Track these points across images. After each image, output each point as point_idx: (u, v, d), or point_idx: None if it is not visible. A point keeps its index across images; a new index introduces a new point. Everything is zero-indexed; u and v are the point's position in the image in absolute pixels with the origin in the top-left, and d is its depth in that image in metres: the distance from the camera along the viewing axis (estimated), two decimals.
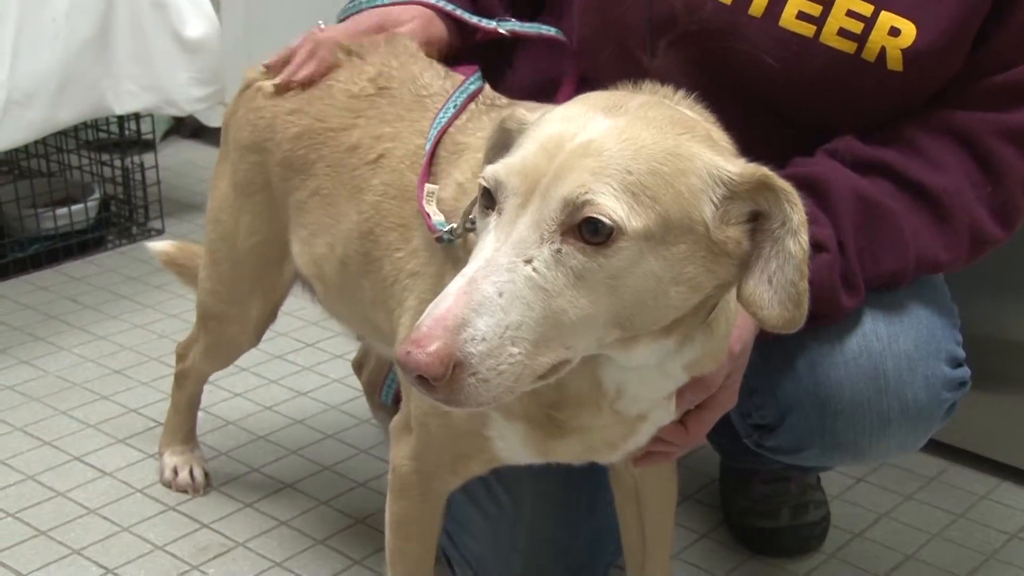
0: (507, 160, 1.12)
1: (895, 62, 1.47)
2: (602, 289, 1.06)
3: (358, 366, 2.38)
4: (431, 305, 1.03)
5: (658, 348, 1.18)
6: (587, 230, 1.04)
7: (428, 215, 1.41)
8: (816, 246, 1.48)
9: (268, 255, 1.82)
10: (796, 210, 1.11)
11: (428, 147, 1.49)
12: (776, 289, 1.10)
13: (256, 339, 1.97)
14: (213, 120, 3.35)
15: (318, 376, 2.61)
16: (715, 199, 1.09)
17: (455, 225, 1.33)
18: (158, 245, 2.14)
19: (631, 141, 1.07)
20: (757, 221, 1.11)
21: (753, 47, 1.50)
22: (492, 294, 1.03)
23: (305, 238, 1.70)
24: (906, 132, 1.54)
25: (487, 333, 1.02)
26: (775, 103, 1.55)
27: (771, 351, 1.57)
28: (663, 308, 1.10)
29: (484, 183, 1.13)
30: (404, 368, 1.02)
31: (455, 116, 1.52)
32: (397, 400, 2.05)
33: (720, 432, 1.60)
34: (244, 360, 2.24)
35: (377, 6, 1.74)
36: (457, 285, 1.04)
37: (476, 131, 1.47)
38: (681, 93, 1.22)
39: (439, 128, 1.50)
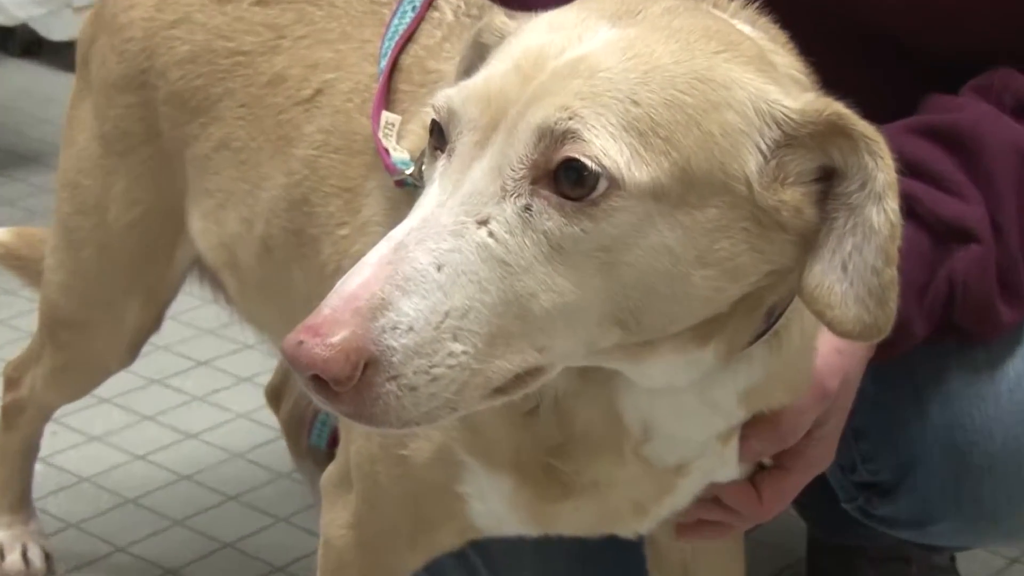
0: (466, 82, 1.14)
1: None
2: (590, 266, 1.08)
3: (275, 394, 2.38)
4: (340, 281, 1.07)
5: (688, 363, 1.20)
6: (567, 178, 1.06)
7: (385, 151, 1.42)
8: (960, 232, 1.49)
9: (153, 235, 1.82)
10: (882, 164, 1.11)
11: (383, 64, 1.50)
12: (852, 279, 1.11)
13: (130, 356, 1.98)
14: (56, 32, 3.34)
15: (215, 410, 2.61)
16: (764, 146, 1.11)
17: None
18: None
19: (642, 59, 1.09)
20: (829, 181, 1.13)
21: None
22: (427, 266, 1.05)
23: (210, 210, 1.70)
24: None
25: (416, 320, 1.03)
26: (889, 22, 1.56)
27: (888, 377, 1.57)
28: (684, 300, 1.11)
29: (434, 114, 1.14)
30: (293, 364, 1.04)
31: (416, 21, 1.53)
32: (333, 443, 2.05)
33: (809, 493, 1.58)
34: (106, 387, 2.24)
35: None
36: (379, 253, 1.06)
37: (456, 55, 1.46)
38: (739, 1, 1.23)
39: (396, 39, 1.51)
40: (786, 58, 1.19)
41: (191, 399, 2.64)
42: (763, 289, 1.16)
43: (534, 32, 1.14)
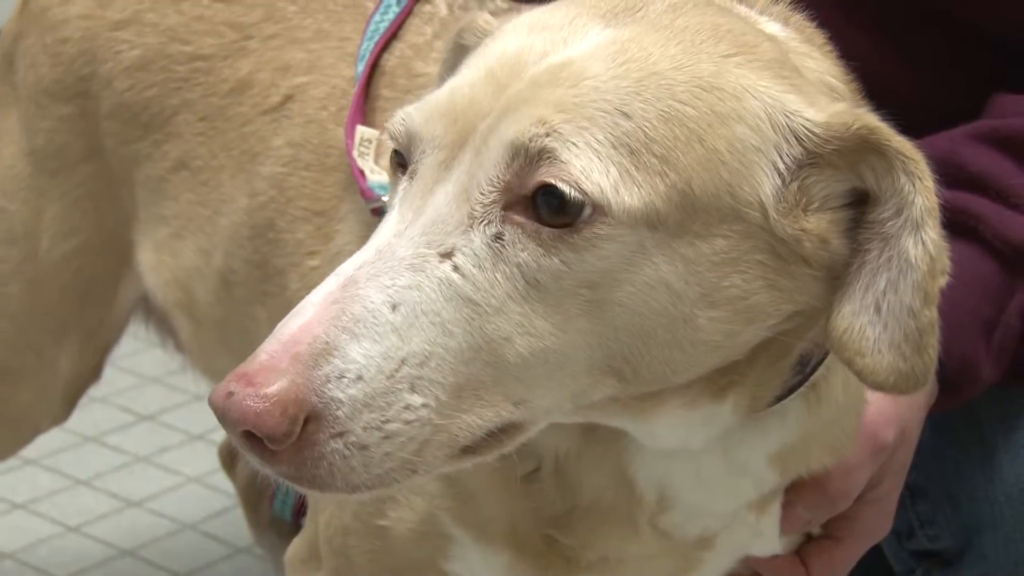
0: (429, 96, 1.14)
1: None
2: (573, 305, 1.08)
3: (231, 455, 2.37)
4: (281, 323, 1.07)
5: (702, 420, 1.21)
6: (546, 204, 1.07)
7: (361, 173, 1.42)
8: None
9: (93, 269, 1.82)
10: (920, 187, 1.11)
11: (361, 67, 1.51)
12: (886, 321, 1.11)
13: (64, 411, 1.97)
14: None
15: (162, 472, 2.60)
16: (782, 165, 1.11)
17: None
18: None
19: (635, 64, 1.09)
20: (861, 207, 1.14)
21: None
22: (379, 305, 1.05)
23: (164, 240, 1.70)
24: None
25: (366, 368, 1.04)
26: (969, 8, 1.56)
27: (950, 427, 1.58)
28: (688, 346, 1.11)
29: (390, 141, 1.14)
30: (222, 418, 1.04)
31: (401, 18, 1.53)
32: (299, 513, 2.06)
33: (863, 564, 1.57)
34: (32, 447, 2.18)
35: None
36: (325, 290, 1.06)
37: None
38: None
39: (376, 39, 1.52)
40: (820, 63, 1.19)
41: (133, 460, 2.63)
42: (788, 333, 1.16)
43: (513, 34, 1.14)
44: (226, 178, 1.62)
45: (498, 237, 1.07)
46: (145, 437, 2.70)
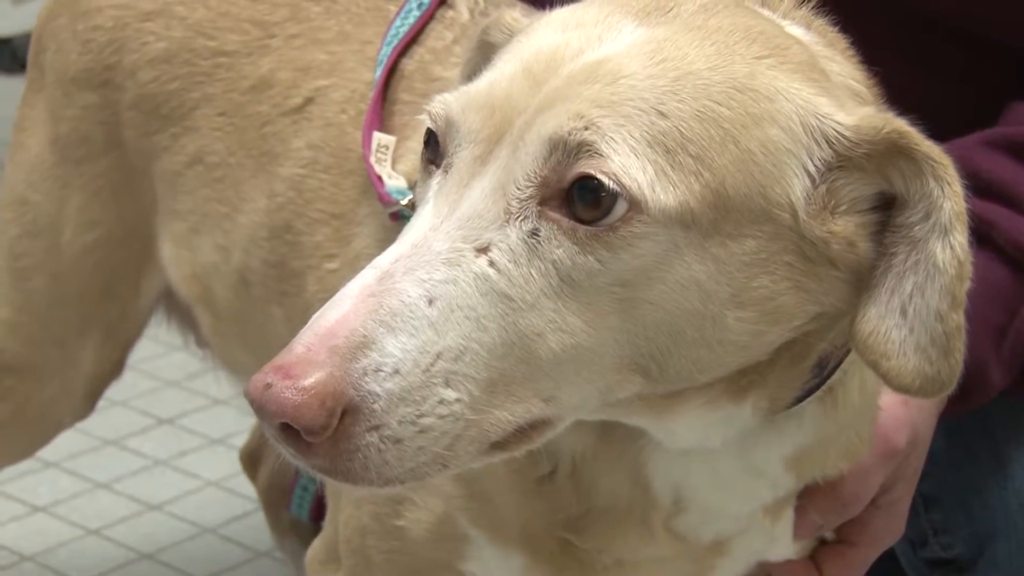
0: (467, 87, 1.15)
1: None
2: (605, 303, 1.08)
3: (252, 458, 2.38)
4: (316, 314, 1.08)
5: (722, 420, 1.22)
6: (581, 199, 1.08)
7: (379, 178, 1.43)
8: None
9: (115, 262, 1.82)
10: (949, 192, 1.11)
11: (379, 72, 1.52)
12: (912, 325, 1.11)
13: (87, 407, 1.97)
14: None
15: (182, 476, 2.60)
16: (812, 168, 1.11)
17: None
18: None
19: (671, 64, 1.10)
20: (888, 210, 1.15)
21: None
22: (416, 299, 1.06)
23: (182, 235, 1.71)
24: None
25: (402, 362, 1.04)
26: (971, 12, 1.57)
27: (962, 434, 1.59)
28: (716, 345, 1.12)
29: (429, 122, 1.15)
30: (259, 410, 1.04)
31: (421, 23, 1.54)
32: (318, 515, 2.06)
33: (877, 570, 1.57)
34: (51, 449, 2.22)
35: None
36: (362, 283, 1.07)
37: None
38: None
39: (396, 43, 1.53)
40: (844, 66, 1.20)
41: (153, 464, 2.63)
42: (810, 335, 1.17)
43: (548, 30, 1.15)
44: (244, 177, 1.63)
45: (534, 233, 1.08)
46: (165, 441, 2.70)
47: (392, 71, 1.53)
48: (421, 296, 1.06)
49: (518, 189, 1.08)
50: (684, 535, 1.31)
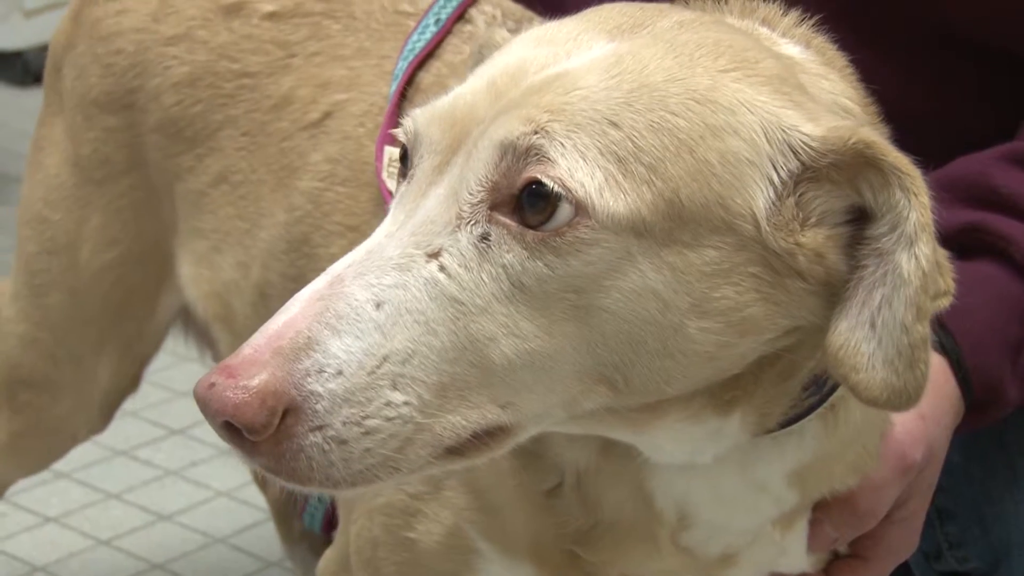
0: (434, 102, 1.16)
1: None
2: (559, 309, 1.09)
3: None
4: (268, 320, 1.09)
5: (709, 435, 1.22)
6: (530, 204, 1.09)
7: (389, 193, 1.43)
8: None
9: (134, 280, 1.83)
10: (916, 203, 1.11)
11: (394, 87, 1.53)
12: (880, 337, 1.11)
13: (102, 421, 1.98)
14: (7, 40, 3.39)
15: (192, 487, 2.60)
16: (777, 179, 1.11)
17: None
18: None
19: (628, 76, 1.10)
20: (860, 223, 1.15)
21: None
22: (363, 303, 1.07)
23: (204, 254, 1.72)
24: None
25: (346, 363, 1.06)
26: (990, 31, 1.58)
27: (978, 448, 1.59)
28: (679, 356, 1.12)
29: (402, 137, 1.16)
30: (203, 409, 1.06)
31: (438, 38, 1.55)
32: (329, 526, 2.06)
33: None
34: (63, 460, 2.21)
35: None
36: (313, 288, 1.08)
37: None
38: (793, 15, 1.24)
39: (412, 58, 1.54)
40: (837, 84, 1.19)
41: (164, 474, 2.64)
42: (792, 351, 1.16)
43: (519, 46, 1.16)
44: (265, 192, 1.64)
45: (484, 237, 1.09)
46: (176, 451, 2.71)
47: (409, 84, 1.54)
48: (368, 300, 1.07)
49: (470, 194, 1.09)
50: (692, 549, 1.31)
